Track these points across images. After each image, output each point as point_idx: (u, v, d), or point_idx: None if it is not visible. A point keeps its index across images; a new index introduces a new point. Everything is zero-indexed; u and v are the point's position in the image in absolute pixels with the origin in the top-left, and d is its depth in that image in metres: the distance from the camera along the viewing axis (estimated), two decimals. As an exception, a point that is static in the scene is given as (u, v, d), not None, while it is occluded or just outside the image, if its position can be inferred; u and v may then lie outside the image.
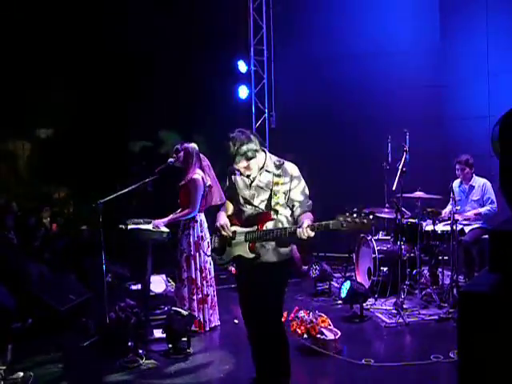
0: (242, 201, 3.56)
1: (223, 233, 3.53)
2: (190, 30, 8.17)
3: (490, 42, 7.31)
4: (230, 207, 3.72)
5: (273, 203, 3.40)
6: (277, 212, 3.41)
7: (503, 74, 7.13)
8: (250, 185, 3.51)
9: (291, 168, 3.46)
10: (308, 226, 3.17)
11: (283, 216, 3.45)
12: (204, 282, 5.19)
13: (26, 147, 8.64)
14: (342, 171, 8.00)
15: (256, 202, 3.49)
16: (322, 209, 3.59)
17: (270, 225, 3.42)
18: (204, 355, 4.72)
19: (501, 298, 1.53)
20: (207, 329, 5.22)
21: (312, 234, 3.17)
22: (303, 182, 3.47)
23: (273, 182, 3.41)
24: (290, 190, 3.41)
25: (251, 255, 3.45)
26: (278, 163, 3.46)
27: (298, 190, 3.42)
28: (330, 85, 8.27)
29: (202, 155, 5.36)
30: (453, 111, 7.95)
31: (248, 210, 3.52)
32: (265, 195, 3.45)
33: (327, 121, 8.23)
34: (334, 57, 8.26)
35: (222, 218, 3.62)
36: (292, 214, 3.46)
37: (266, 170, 3.47)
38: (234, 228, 3.54)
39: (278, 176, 3.41)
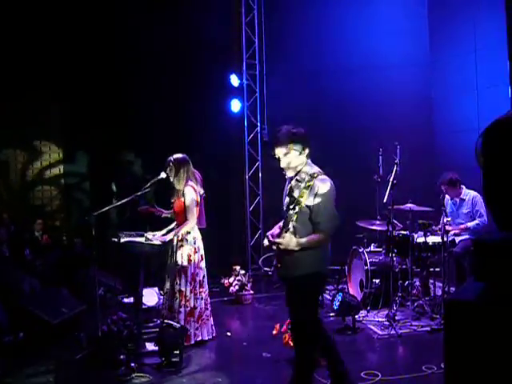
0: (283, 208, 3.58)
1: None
2: (183, 43, 8.23)
3: (478, 54, 7.41)
4: None
5: (294, 213, 3.28)
6: (293, 220, 3.30)
7: (492, 86, 7.22)
8: (289, 192, 3.49)
9: (320, 184, 3.36)
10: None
11: (299, 226, 3.34)
12: (192, 295, 5.18)
13: (19, 159, 8.65)
14: (334, 183, 8.01)
15: (288, 212, 3.41)
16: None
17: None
18: (197, 368, 4.70)
19: (485, 306, 1.57)
20: (192, 342, 5.15)
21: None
22: (327, 202, 3.35)
23: (301, 192, 3.30)
24: (314, 204, 3.32)
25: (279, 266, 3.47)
26: (311, 175, 3.35)
27: (319, 208, 3.32)
28: (322, 98, 8.35)
29: (197, 173, 5.39)
30: (443, 124, 8.05)
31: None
32: (292, 206, 3.34)
33: (319, 134, 8.22)
34: (326, 71, 8.35)
35: (273, 229, 3.60)
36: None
37: (297, 180, 3.44)
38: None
39: (306, 188, 3.30)
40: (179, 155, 5.28)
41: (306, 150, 3.52)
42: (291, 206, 3.31)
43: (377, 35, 8.26)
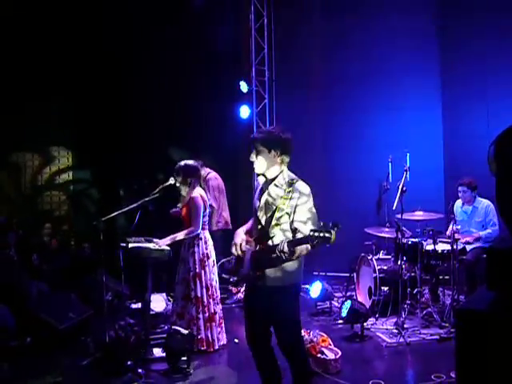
0: (254, 212, 3.45)
1: (233, 251, 3.41)
2: (193, 49, 8.26)
3: (488, 63, 7.38)
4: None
5: (274, 219, 3.21)
6: (278, 225, 3.22)
7: (502, 95, 7.18)
8: (261, 196, 3.41)
9: (302, 186, 3.26)
10: (288, 241, 3.03)
11: (283, 233, 3.24)
12: (211, 300, 5.16)
13: (28, 163, 8.70)
14: (343, 190, 8.01)
15: (261, 216, 3.37)
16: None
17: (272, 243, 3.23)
18: (204, 375, 4.68)
19: (498, 315, 1.54)
20: (216, 347, 5.15)
21: (286, 249, 2.98)
22: (311, 204, 3.22)
23: (281, 198, 3.23)
24: (295, 207, 3.18)
25: (254, 276, 3.31)
26: (290, 181, 3.28)
27: (304, 208, 3.19)
28: (331, 105, 8.33)
29: (216, 176, 5.34)
30: (453, 131, 8.01)
31: (257, 224, 3.40)
32: (270, 211, 3.29)
33: (328, 140, 8.28)
34: (335, 77, 8.33)
35: (239, 235, 3.47)
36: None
37: (275, 185, 3.34)
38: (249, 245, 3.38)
39: (287, 195, 3.21)
40: (189, 162, 5.28)
41: (283, 156, 3.35)
42: (273, 215, 3.22)
43: (386, 42, 8.21)
